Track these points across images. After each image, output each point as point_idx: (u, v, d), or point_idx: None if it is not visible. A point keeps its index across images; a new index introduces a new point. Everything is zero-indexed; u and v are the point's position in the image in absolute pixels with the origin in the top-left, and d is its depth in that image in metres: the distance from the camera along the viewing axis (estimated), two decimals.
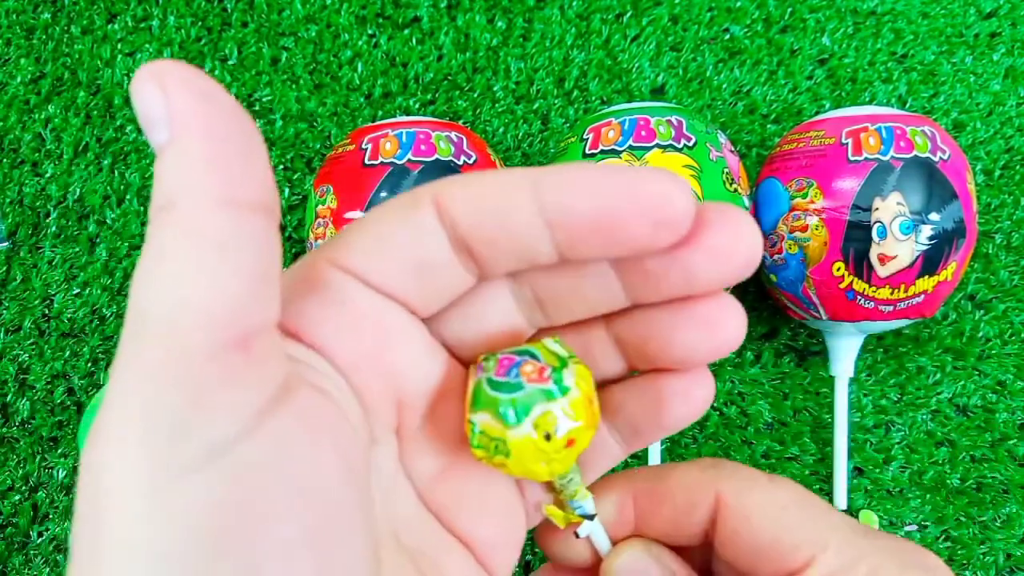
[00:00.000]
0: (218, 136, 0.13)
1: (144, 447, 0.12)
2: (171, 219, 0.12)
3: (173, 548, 0.12)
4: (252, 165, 0.13)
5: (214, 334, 0.12)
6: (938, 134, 0.33)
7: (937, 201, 0.32)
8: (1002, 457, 0.38)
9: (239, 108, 0.13)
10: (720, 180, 0.32)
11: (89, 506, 0.12)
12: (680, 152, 0.32)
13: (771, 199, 0.35)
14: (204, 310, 0.12)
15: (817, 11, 0.43)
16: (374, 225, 0.16)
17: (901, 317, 0.33)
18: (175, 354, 0.12)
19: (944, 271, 0.32)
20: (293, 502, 0.13)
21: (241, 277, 0.13)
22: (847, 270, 0.32)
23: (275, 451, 0.13)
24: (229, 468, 0.12)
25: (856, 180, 0.32)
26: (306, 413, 0.14)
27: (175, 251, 0.12)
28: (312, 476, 0.13)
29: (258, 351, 0.13)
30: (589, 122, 0.34)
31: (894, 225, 0.31)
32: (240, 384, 0.12)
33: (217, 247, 0.12)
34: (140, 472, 0.12)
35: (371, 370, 0.16)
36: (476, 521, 0.18)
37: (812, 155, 0.33)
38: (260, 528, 0.12)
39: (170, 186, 0.13)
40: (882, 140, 0.32)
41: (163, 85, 0.12)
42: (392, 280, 0.16)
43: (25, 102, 0.41)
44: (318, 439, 0.14)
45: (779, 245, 0.34)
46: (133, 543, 0.12)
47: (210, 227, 0.12)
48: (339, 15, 0.42)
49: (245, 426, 0.12)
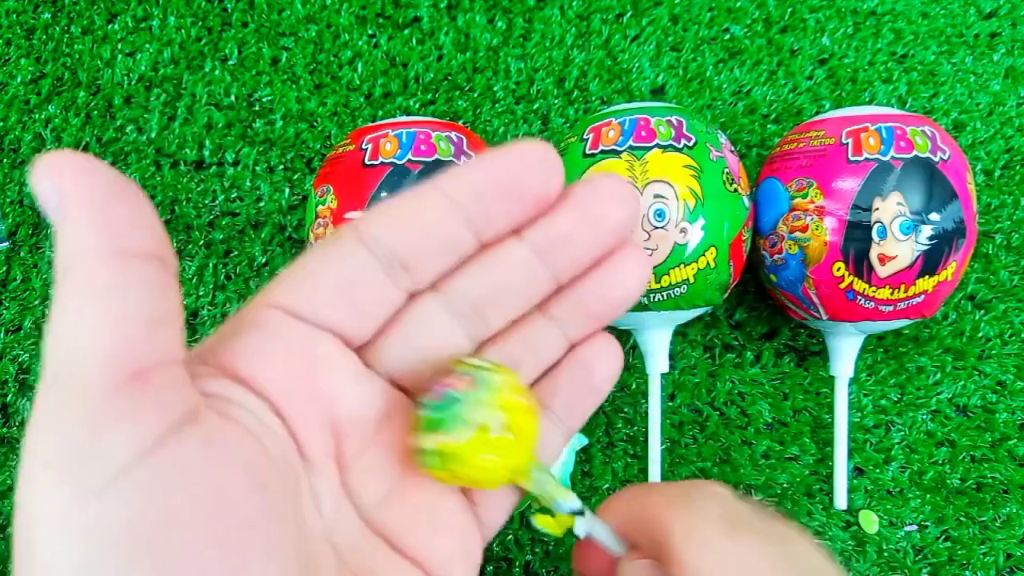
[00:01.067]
0: (100, 202, 0.14)
1: (57, 480, 0.13)
2: (66, 280, 0.14)
3: (90, 562, 0.13)
4: (137, 221, 0.15)
5: (109, 373, 0.14)
6: (938, 134, 0.33)
7: (937, 201, 0.32)
8: (1002, 457, 0.38)
9: (119, 176, 0.15)
10: (720, 180, 0.32)
11: (23, 538, 0.14)
12: (680, 152, 0.32)
13: (771, 199, 0.35)
14: (97, 353, 0.14)
15: (817, 11, 0.43)
16: (302, 264, 0.18)
17: (901, 317, 0.33)
18: (75, 397, 0.14)
19: (944, 271, 0.32)
20: (196, 516, 0.14)
21: (133, 319, 0.14)
22: (847, 270, 0.32)
23: (174, 471, 0.14)
24: (130, 489, 0.13)
25: (856, 180, 0.32)
26: (210, 437, 0.15)
27: (69, 305, 0.14)
28: (214, 492, 0.14)
29: (157, 385, 0.14)
30: (589, 122, 0.34)
31: (894, 225, 0.31)
32: (137, 415, 0.14)
33: (105, 294, 0.14)
34: (56, 501, 0.13)
35: (301, 397, 0.17)
36: (426, 541, 0.19)
37: (812, 155, 0.33)
38: (167, 539, 0.14)
39: (65, 254, 0.14)
40: (882, 140, 0.32)
41: (53, 174, 0.14)
42: (321, 308, 0.18)
43: (25, 102, 0.41)
44: (221, 460, 0.15)
45: (779, 245, 0.34)
46: (56, 563, 0.13)
47: (98, 278, 0.14)
48: (339, 15, 0.42)
49: (143, 451, 0.14)
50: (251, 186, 0.41)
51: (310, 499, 0.17)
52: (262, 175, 0.41)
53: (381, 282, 0.18)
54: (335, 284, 0.18)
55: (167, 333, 0.15)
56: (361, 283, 0.18)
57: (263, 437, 0.16)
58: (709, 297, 0.33)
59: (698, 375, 0.39)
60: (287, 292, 0.18)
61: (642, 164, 0.32)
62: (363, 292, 0.18)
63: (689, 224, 0.31)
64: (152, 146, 0.41)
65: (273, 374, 0.17)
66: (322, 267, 0.18)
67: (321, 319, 0.18)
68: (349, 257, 0.18)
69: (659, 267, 0.32)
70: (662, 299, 0.33)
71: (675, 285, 0.32)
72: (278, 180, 0.41)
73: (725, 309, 0.40)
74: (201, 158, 0.41)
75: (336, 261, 0.18)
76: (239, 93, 0.42)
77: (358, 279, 0.18)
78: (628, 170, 0.31)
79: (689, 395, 0.39)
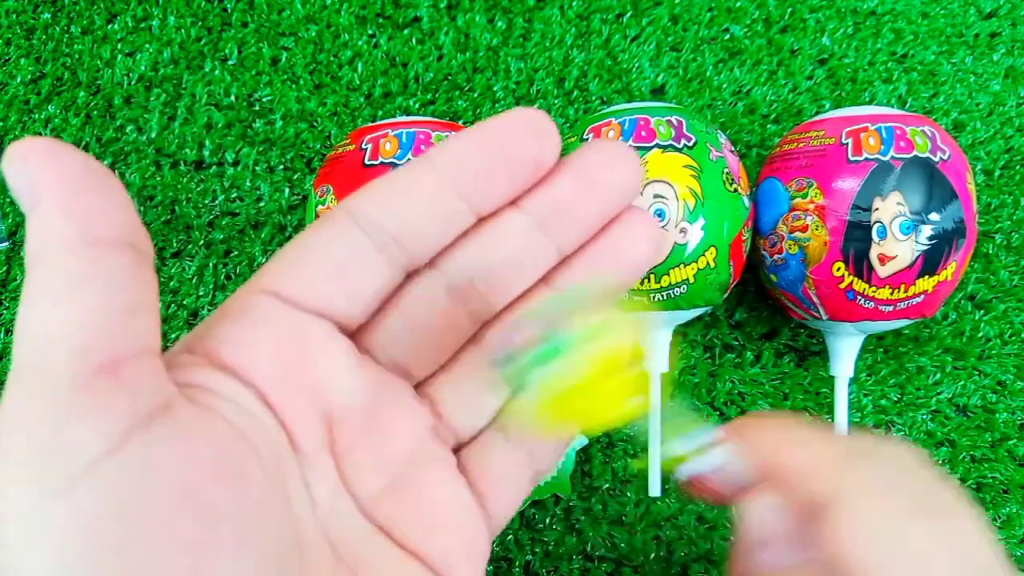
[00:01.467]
0: (71, 189, 0.14)
1: (25, 477, 0.13)
2: (35, 269, 0.14)
3: (64, 559, 0.13)
4: (109, 208, 0.14)
5: (76, 364, 0.13)
6: (938, 134, 0.33)
7: (937, 201, 0.32)
8: (1002, 457, 0.38)
9: (91, 160, 0.14)
10: (720, 180, 0.32)
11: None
12: (680, 152, 0.32)
13: (771, 199, 0.35)
14: (65, 343, 0.13)
15: (817, 11, 0.43)
16: (293, 246, 0.18)
17: (901, 317, 0.33)
18: (42, 388, 0.13)
19: (944, 271, 0.32)
20: (167, 508, 0.14)
21: (101, 310, 0.14)
22: (847, 270, 0.32)
23: (143, 464, 0.14)
24: (99, 483, 0.13)
25: (856, 180, 0.32)
26: (182, 430, 0.14)
27: (36, 295, 0.14)
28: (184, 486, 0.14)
29: (128, 377, 0.14)
30: (589, 122, 0.34)
31: (894, 225, 0.31)
32: (106, 407, 0.13)
33: (74, 285, 0.13)
34: (26, 499, 0.13)
35: (291, 385, 0.17)
36: (429, 535, 0.18)
37: (812, 155, 0.33)
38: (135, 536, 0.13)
39: (34, 242, 0.14)
40: (882, 140, 0.32)
41: (25, 160, 0.14)
42: (313, 292, 0.17)
43: (25, 102, 0.41)
44: (193, 453, 0.14)
45: (779, 245, 0.34)
46: (30, 562, 0.13)
47: (66, 267, 0.13)
48: (339, 15, 0.42)
49: (111, 444, 0.13)
50: (251, 186, 0.41)
51: (302, 490, 0.17)
52: (262, 175, 0.41)
53: (375, 262, 0.18)
54: (327, 266, 0.17)
55: (139, 324, 0.14)
56: (354, 264, 0.17)
57: (246, 428, 0.16)
58: (709, 297, 0.33)
59: (698, 375, 0.39)
60: (277, 276, 0.17)
61: (642, 164, 0.32)
62: (357, 273, 0.17)
63: (689, 224, 0.31)
64: (152, 146, 0.41)
65: (261, 362, 0.17)
66: (313, 249, 0.17)
67: (312, 303, 0.17)
68: (341, 237, 0.17)
69: (659, 267, 0.32)
70: (662, 299, 0.33)
71: (675, 285, 0.32)
72: (278, 180, 0.41)
73: (725, 309, 0.40)
74: (201, 158, 0.41)
75: (327, 242, 0.17)
76: (239, 93, 0.42)
77: (351, 260, 0.17)
78: None
79: (689, 395, 0.39)
